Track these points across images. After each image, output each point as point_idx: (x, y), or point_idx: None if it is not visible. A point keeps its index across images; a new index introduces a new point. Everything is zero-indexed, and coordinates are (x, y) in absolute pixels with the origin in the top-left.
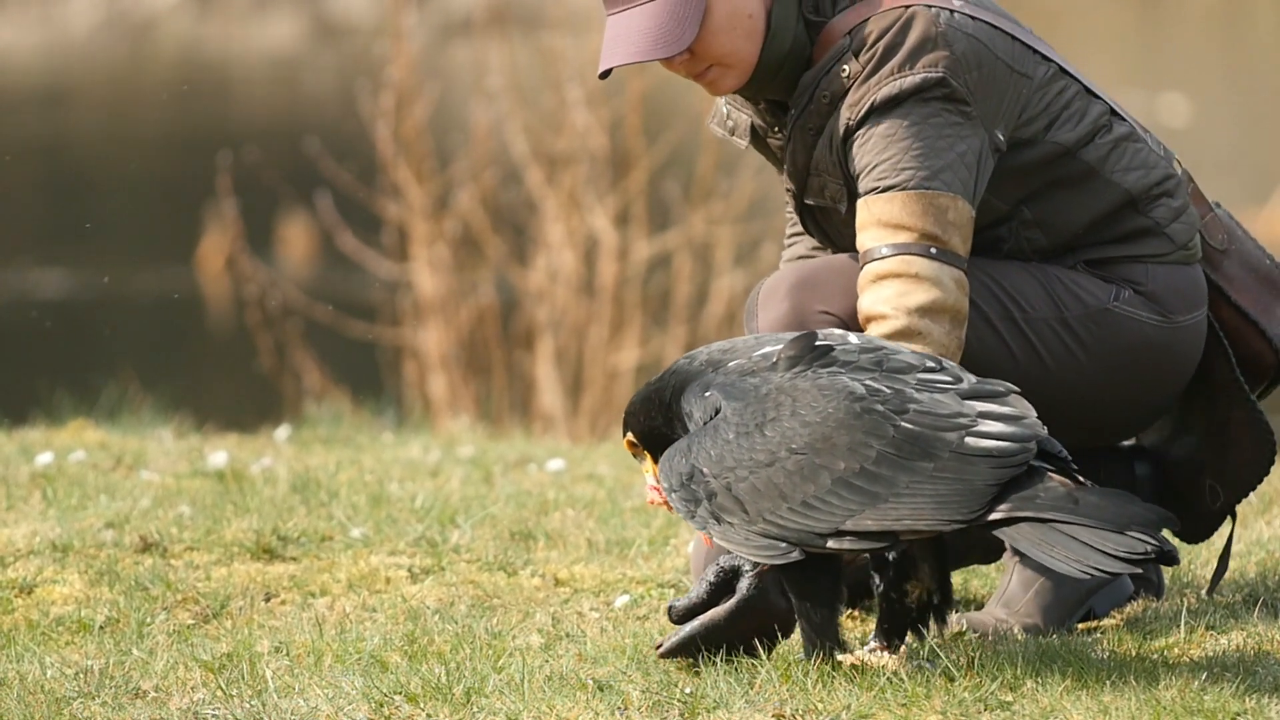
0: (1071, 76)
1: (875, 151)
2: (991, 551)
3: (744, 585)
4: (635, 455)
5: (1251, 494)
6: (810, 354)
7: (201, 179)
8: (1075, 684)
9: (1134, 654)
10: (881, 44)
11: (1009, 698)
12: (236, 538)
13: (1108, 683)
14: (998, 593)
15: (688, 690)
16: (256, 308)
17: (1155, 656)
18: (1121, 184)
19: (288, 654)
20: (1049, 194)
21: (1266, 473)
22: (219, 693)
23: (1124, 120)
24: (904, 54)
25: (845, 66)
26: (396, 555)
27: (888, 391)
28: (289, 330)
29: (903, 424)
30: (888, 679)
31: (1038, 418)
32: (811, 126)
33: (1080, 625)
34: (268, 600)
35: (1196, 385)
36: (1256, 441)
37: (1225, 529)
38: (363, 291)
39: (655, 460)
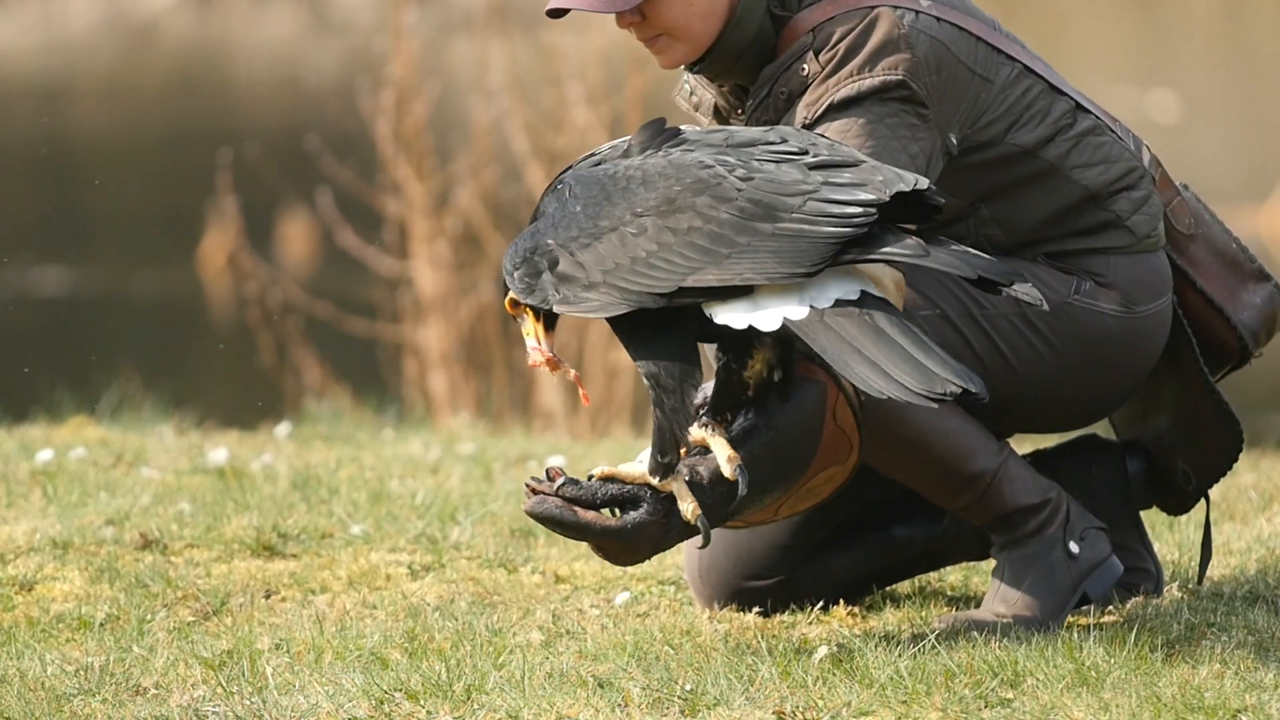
0: (1037, 75)
1: None
2: (984, 548)
3: (631, 516)
4: (515, 317)
5: (1221, 480)
6: (660, 137)
7: (202, 176)
8: (1076, 681)
9: (1134, 651)
10: (843, 44)
11: (1009, 694)
12: (237, 535)
13: (1108, 679)
14: (992, 589)
15: (688, 687)
16: (257, 305)
17: (1156, 653)
18: (1081, 181)
19: (288, 651)
20: (1007, 193)
21: (1234, 460)
22: (219, 690)
23: (1088, 114)
24: (864, 56)
25: (805, 65)
26: (397, 552)
27: (734, 161)
28: (289, 327)
29: (747, 189)
30: (889, 676)
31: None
32: (767, 120)
33: (1084, 620)
34: (268, 597)
35: (1166, 369)
36: (1223, 431)
37: (1204, 515)
38: (363, 289)
39: (537, 318)
